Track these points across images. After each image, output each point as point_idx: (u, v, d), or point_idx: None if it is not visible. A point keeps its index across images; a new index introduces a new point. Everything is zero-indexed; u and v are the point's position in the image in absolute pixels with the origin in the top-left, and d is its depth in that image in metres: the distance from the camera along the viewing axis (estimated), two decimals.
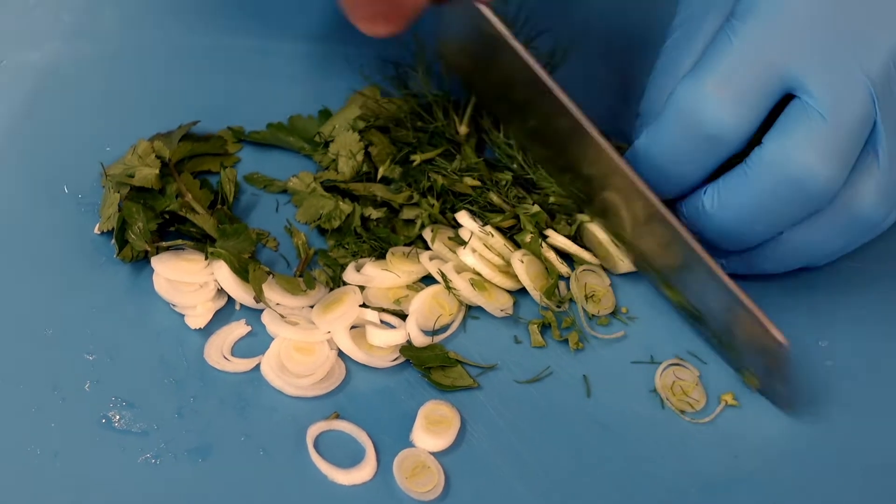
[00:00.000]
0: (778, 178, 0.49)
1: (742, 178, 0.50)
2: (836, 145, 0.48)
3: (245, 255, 0.56)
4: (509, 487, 0.49)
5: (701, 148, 0.51)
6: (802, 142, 0.49)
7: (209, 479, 0.49)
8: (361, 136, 0.59)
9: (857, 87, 0.49)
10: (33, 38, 0.67)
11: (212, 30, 0.68)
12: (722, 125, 0.50)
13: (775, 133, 0.50)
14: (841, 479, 0.50)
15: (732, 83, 0.50)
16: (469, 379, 0.53)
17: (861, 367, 0.55)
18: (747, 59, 0.50)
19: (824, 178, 0.48)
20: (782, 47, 0.49)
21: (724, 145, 0.51)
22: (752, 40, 0.50)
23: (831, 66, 0.49)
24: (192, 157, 0.60)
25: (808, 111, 0.49)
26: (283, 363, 0.53)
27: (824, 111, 0.48)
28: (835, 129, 0.48)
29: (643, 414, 0.52)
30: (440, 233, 0.57)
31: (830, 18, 0.50)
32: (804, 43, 0.49)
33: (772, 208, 0.50)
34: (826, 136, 0.48)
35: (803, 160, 0.48)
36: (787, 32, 0.50)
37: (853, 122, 0.49)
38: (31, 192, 0.59)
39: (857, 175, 0.50)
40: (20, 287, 0.56)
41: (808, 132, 0.49)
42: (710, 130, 0.50)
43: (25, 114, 0.63)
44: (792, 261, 0.54)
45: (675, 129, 0.51)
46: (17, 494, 0.48)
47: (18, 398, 0.51)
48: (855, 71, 0.49)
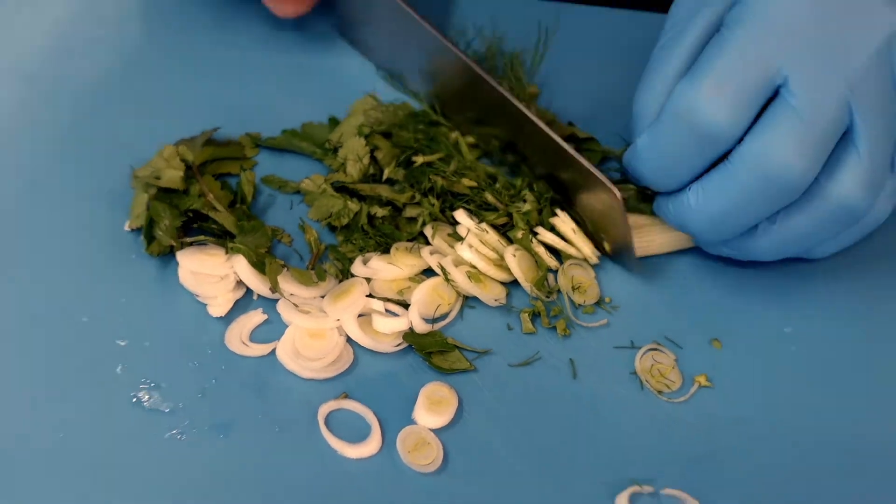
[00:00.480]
0: (758, 173, 0.50)
1: (725, 174, 0.51)
2: (812, 142, 0.49)
3: (262, 249, 0.57)
4: (502, 461, 0.50)
5: (697, 147, 0.52)
6: (782, 139, 0.49)
7: (229, 453, 0.50)
8: (367, 141, 0.60)
9: (834, 89, 0.50)
10: (69, 53, 0.68)
11: (231, 45, 0.69)
12: (719, 126, 0.50)
13: (758, 131, 0.50)
14: (805, 452, 0.51)
15: (728, 86, 0.50)
16: (466, 362, 0.53)
17: (822, 350, 0.55)
18: (741, 62, 0.50)
19: (799, 172, 0.49)
20: (772, 51, 0.50)
21: (719, 144, 0.51)
22: (745, 45, 0.50)
23: (814, 70, 0.50)
24: (213, 160, 0.61)
25: (789, 110, 0.50)
26: (296, 348, 0.54)
27: (803, 110, 0.49)
28: (811, 127, 0.49)
29: (624, 394, 0.53)
30: (440, 230, 0.58)
31: (814, 26, 0.50)
32: (791, 47, 0.50)
33: (751, 201, 0.51)
34: (803, 134, 0.49)
35: (782, 156, 0.49)
36: (777, 38, 0.50)
37: (828, 122, 0.49)
38: (67, 193, 0.60)
39: (840, 168, 0.51)
40: (58, 279, 0.56)
41: (788, 130, 0.49)
42: (707, 130, 0.51)
43: (62, 123, 0.64)
44: (784, 249, 0.54)
45: (674, 130, 0.52)
46: (55, 468, 0.49)
47: (57, 380, 0.52)
48: (834, 75, 0.50)
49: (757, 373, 0.54)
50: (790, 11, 0.50)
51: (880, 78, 0.51)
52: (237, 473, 0.50)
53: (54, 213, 0.60)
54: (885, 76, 0.51)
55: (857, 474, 0.51)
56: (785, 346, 0.55)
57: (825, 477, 0.50)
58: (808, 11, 0.50)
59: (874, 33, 0.50)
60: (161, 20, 0.70)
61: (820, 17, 0.50)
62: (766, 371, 0.55)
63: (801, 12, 0.50)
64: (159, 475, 0.49)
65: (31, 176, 0.61)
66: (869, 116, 0.50)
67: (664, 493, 0.49)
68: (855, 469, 0.51)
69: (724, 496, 0.49)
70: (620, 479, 0.50)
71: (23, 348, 0.54)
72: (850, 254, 0.57)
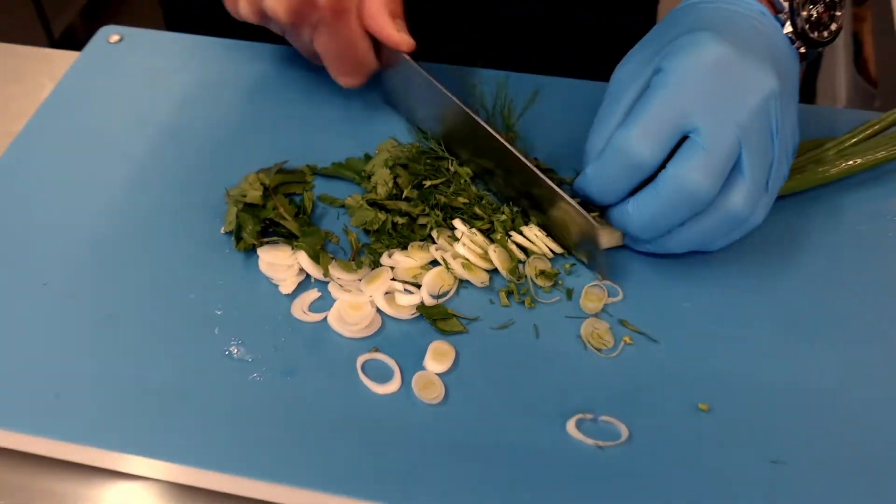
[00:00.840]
0: (675, 190, 0.51)
1: (653, 192, 0.52)
2: (713, 168, 0.50)
3: (317, 247, 0.58)
4: (485, 395, 0.51)
5: (629, 173, 0.52)
6: (692, 167, 0.50)
7: (294, 391, 0.51)
8: (391, 171, 0.61)
9: (728, 131, 0.50)
10: (189, 110, 0.68)
11: (300, 104, 0.69)
12: (643, 158, 0.51)
13: (675, 161, 0.51)
14: (699, 385, 0.51)
15: (650, 131, 0.51)
16: (461, 326, 0.54)
17: (710, 314, 0.55)
18: (660, 115, 0.51)
19: (705, 190, 0.50)
20: (682, 107, 0.51)
21: (644, 171, 0.52)
22: (664, 103, 0.51)
23: (712, 118, 0.50)
24: (283, 183, 0.62)
25: (696, 146, 0.50)
26: (341, 316, 0.55)
27: (706, 146, 0.50)
28: (712, 157, 0.50)
29: (572, 350, 0.54)
30: (442, 233, 0.59)
31: (712, 89, 0.51)
32: (696, 104, 0.50)
33: (671, 211, 0.52)
34: (706, 163, 0.50)
35: (692, 178, 0.50)
36: (687, 97, 0.51)
37: (724, 154, 0.50)
38: (181, 207, 0.61)
39: (730, 187, 0.51)
40: (175, 268, 0.57)
41: (696, 160, 0.50)
42: (635, 161, 0.51)
43: (182, 158, 0.65)
44: (692, 244, 0.54)
45: (613, 161, 0.52)
46: (171, 402, 0.50)
47: (173, 338, 0.53)
48: (727, 120, 0.50)
49: (665, 332, 0.55)
50: (696, 78, 0.51)
51: (760, 124, 0.51)
52: (299, 405, 0.51)
53: (174, 221, 0.61)
54: (764, 123, 0.52)
55: (727, 398, 0.51)
56: (683, 315, 0.56)
57: (715, 400, 0.51)
58: (709, 78, 0.51)
59: (755, 93, 0.51)
60: (256, 89, 0.70)
61: (717, 82, 0.51)
62: (670, 330, 0.55)
63: (703, 79, 0.51)
64: (244, 406, 0.50)
65: (158, 194, 0.62)
66: (752, 151, 0.51)
67: (601, 419, 0.50)
68: (723, 392, 0.52)
69: (644, 421, 0.50)
70: (570, 409, 0.51)
71: (150, 316, 0.55)
72: (734, 247, 0.57)
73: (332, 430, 0.50)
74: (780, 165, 0.53)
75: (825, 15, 0.56)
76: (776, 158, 0.53)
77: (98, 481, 0.51)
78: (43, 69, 0.77)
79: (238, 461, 0.48)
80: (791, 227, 0.60)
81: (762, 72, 0.51)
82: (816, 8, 0.56)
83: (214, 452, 0.48)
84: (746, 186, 0.51)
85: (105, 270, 0.57)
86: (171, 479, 0.50)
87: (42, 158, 0.64)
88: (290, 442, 0.49)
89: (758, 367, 0.53)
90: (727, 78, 0.51)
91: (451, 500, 0.47)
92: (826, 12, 0.56)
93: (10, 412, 0.50)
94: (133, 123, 0.67)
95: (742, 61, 0.51)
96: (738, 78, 0.51)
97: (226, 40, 0.73)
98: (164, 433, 0.49)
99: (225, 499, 0.50)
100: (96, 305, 0.55)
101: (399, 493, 0.47)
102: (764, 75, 0.51)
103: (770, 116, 0.52)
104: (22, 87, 0.75)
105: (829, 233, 0.60)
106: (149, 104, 0.68)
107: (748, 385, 0.52)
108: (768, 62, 0.52)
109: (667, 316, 0.56)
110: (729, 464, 0.48)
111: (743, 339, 0.54)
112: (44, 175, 0.63)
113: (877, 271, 0.58)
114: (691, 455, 0.49)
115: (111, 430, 0.49)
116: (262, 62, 0.72)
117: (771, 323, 0.55)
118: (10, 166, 0.64)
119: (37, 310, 0.55)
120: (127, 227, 0.60)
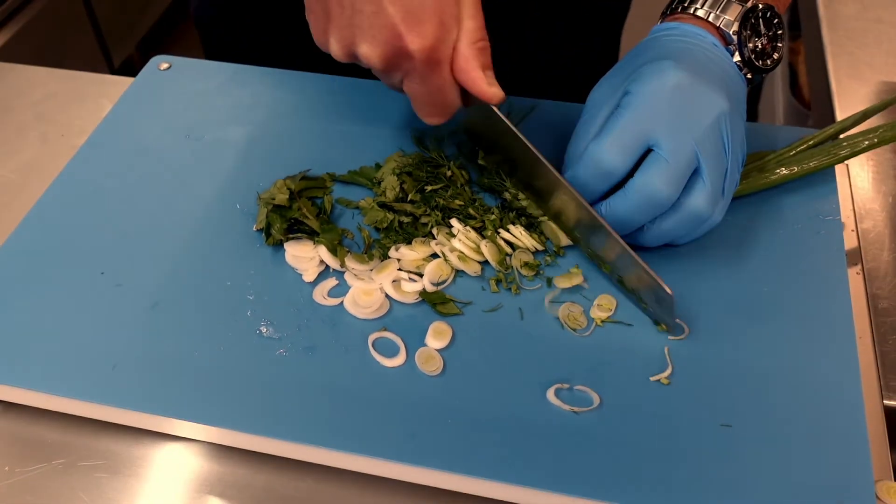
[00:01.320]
0: (641, 195, 0.51)
1: (622, 196, 0.52)
2: (673, 177, 0.50)
3: (335, 242, 0.57)
4: (477, 368, 0.51)
5: (601, 179, 0.52)
6: (655, 175, 0.50)
7: (315, 365, 0.51)
8: (398, 178, 0.60)
9: (686, 145, 0.50)
10: (225, 125, 0.67)
11: (318, 120, 0.68)
12: (613, 166, 0.51)
13: (641, 170, 0.51)
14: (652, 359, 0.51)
15: (618, 143, 0.51)
16: (457, 309, 0.54)
17: (694, 299, 0.54)
18: (628, 130, 0.51)
19: (665, 195, 0.50)
20: (647, 124, 0.51)
21: (614, 177, 0.52)
22: (630, 120, 0.51)
23: (673, 133, 0.50)
24: (306, 188, 0.61)
25: (659, 158, 0.50)
26: (355, 300, 0.54)
27: (667, 158, 0.50)
28: (672, 168, 0.50)
29: (551, 330, 0.53)
30: (441, 230, 0.58)
31: (673, 109, 0.51)
32: (658, 121, 0.50)
33: (638, 212, 0.52)
34: (667, 172, 0.50)
35: (655, 185, 0.50)
36: (650, 116, 0.51)
37: (683, 164, 0.50)
38: (219, 210, 0.61)
39: (692, 191, 0.51)
40: (214, 259, 0.57)
41: (658, 170, 0.50)
42: (606, 168, 0.51)
43: (220, 166, 0.64)
44: (659, 240, 0.54)
45: (588, 168, 0.52)
46: (211, 374, 0.50)
47: (212, 321, 0.53)
48: (686, 136, 0.50)
49: (632, 316, 0.54)
50: (658, 99, 0.51)
51: (715, 138, 0.51)
52: (319, 377, 0.50)
53: (213, 221, 0.60)
54: (717, 137, 0.51)
55: (684, 372, 0.51)
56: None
57: (673, 374, 0.51)
58: (670, 100, 0.51)
59: (709, 112, 0.51)
60: (284, 109, 0.69)
61: (676, 103, 0.51)
62: (637, 313, 0.55)
63: (665, 100, 0.51)
64: (272, 377, 0.50)
65: (200, 198, 0.62)
66: (709, 161, 0.51)
67: (576, 388, 0.50)
68: (680, 366, 0.51)
69: (614, 391, 0.50)
70: (549, 379, 0.50)
71: (194, 300, 0.55)
72: (696, 241, 0.57)
73: (346, 397, 0.49)
74: (732, 173, 0.53)
75: (768, 46, 0.56)
76: (729, 167, 0.52)
77: (148, 442, 0.51)
78: (103, 92, 0.77)
79: (267, 424, 0.48)
80: (741, 225, 0.60)
81: (715, 94, 0.51)
82: (761, 40, 0.56)
83: (247, 416, 0.48)
84: (707, 190, 0.51)
85: (156, 262, 0.57)
86: (210, 440, 0.50)
87: (101, 168, 0.64)
88: (311, 408, 0.49)
89: (710, 345, 0.53)
90: (685, 99, 0.51)
91: (448, 457, 0.46)
92: (769, 44, 0.56)
93: (74, 382, 0.50)
94: (179, 138, 0.67)
95: (698, 85, 0.51)
96: (695, 99, 0.51)
97: (259, 68, 0.73)
98: (204, 400, 0.49)
99: (256, 457, 0.50)
100: (146, 291, 0.55)
101: (404, 451, 0.47)
102: (716, 97, 0.51)
103: (722, 132, 0.52)
104: (84, 107, 0.74)
105: (772, 230, 0.59)
106: (193, 122, 0.68)
107: (701, 360, 0.52)
108: (720, 86, 0.52)
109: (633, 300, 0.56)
110: (685, 427, 0.48)
111: (698, 319, 0.54)
112: (102, 182, 0.63)
113: (809, 262, 0.58)
114: (653, 419, 0.48)
115: (159, 398, 0.49)
116: (289, 87, 0.71)
117: (722, 306, 0.55)
118: (73, 175, 0.64)
119: (96, 295, 0.55)
120: (173, 226, 0.60)
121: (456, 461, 0.46)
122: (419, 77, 0.51)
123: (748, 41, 0.55)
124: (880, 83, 0.85)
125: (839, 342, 0.52)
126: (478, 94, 0.52)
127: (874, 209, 0.68)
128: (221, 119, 0.68)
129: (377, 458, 0.46)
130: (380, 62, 0.50)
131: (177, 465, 0.50)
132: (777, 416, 0.48)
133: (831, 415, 0.48)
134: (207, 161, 0.65)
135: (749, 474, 0.46)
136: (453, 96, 0.53)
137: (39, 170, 0.68)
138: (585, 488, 0.45)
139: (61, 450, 0.50)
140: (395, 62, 0.50)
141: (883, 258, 0.64)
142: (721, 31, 0.56)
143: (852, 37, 0.91)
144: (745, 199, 0.61)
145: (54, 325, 0.53)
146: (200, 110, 0.69)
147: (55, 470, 0.49)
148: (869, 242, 0.65)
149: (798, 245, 0.58)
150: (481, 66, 0.51)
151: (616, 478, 0.45)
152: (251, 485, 0.48)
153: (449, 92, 0.52)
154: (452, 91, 0.53)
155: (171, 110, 0.69)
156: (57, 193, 0.62)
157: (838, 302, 0.54)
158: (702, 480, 0.45)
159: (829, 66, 0.87)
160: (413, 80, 0.52)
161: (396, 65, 0.51)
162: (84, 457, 0.49)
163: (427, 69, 0.50)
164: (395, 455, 0.46)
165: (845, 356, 0.51)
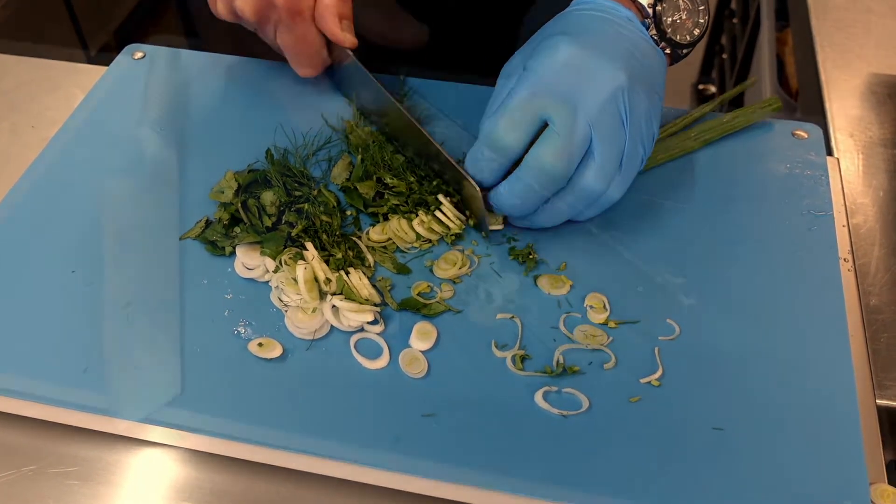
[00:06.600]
0: (535, 170, 0.51)
1: (519, 174, 0.52)
2: (567, 153, 0.51)
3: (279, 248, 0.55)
4: (461, 371, 0.50)
5: (497, 156, 0.53)
6: (549, 151, 0.51)
7: (296, 365, 0.50)
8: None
9: (579, 120, 0.51)
10: (200, 113, 0.66)
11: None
12: (507, 143, 0.52)
13: (534, 147, 0.52)
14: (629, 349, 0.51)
15: (512, 119, 0.52)
16: (442, 307, 0.53)
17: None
18: (521, 106, 0.52)
19: (560, 170, 0.51)
20: (540, 99, 0.51)
21: (509, 155, 0.53)
22: (524, 96, 0.52)
23: (564, 108, 0.51)
24: (253, 182, 0.60)
25: (552, 134, 0.51)
26: (294, 322, 0.51)
27: (560, 132, 0.51)
28: (565, 142, 0.51)
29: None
30: None
31: (567, 84, 0.51)
32: (551, 97, 0.51)
33: (534, 190, 0.52)
34: (560, 147, 0.51)
35: (547, 160, 0.51)
36: (545, 91, 0.51)
37: (576, 139, 0.51)
38: (195, 202, 0.59)
39: (584, 168, 0.52)
40: (188, 257, 0.56)
41: (551, 145, 0.51)
42: (500, 144, 0.52)
43: (179, 161, 0.62)
44: (558, 218, 0.55)
45: (483, 146, 0.53)
46: (194, 367, 0.49)
47: (192, 317, 0.52)
48: (578, 111, 0.51)
49: (625, 314, 0.54)
50: (551, 74, 0.52)
51: (610, 114, 0.52)
52: (302, 378, 0.50)
53: (187, 215, 0.59)
54: (613, 112, 0.52)
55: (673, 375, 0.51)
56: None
57: (664, 377, 0.50)
58: (562, 75, 0.52)
59: (605, 86, 0.51)
60: (257, 97, 0.69)
61: (569, 78, 0.52)
62: (635, 313, 0.54)
63: (557, 75, 0.52)
64: (251, 377, 0.50)
65: (174, 191, 0.60)
66: (603, 137, 0.51)
67: (565, 391, 0.49)
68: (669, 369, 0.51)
69: (603, 393, 0.49)
70: (537, 382, 0.50)
71: (169, 299, 0.53)
72: (685, 239, 0.57)
73: (328, 401, 0.48)
74: (633, 148, 0.53)
75: (689, 21, 0.57)
76: (628, 143, 0.52)
77: (121, 448, 0.49)
78: (75, 81, 0.75)
79: (245, 429, 0.47)
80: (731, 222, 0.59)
81: (612, 68, 0.52)
82: (680, 14, 0.56)
83: (224, 421, 0.47)
84: (597, 166, 0.52)
85: (129, 259, 0.56)
86: (187, 446, 0.49)
87: (72, 161, 0.62)
88: (291, 411, 0.48)
89: (700, 346, 0.52)
90: (579, 74, 0.52)
91: (433, 462, 0.46)
92: (689, 19, 0.57)
93: (43, 386, 0.48)
94: (152, 130, 0.65)
95: (592, 60, 0.52)
96: (588, 74, 0.52)
97: (235, 57, 0.72)
98: (180, 404, 0.48)
99: (234, 463, 0.49)
100: (119, 291, 0.54)
101: (388, 456, 0.46)
102: (613, 71, 0.52)
103: (620, 107, 0.52)
104: (56, 97, 0.73)
105: (763, 227, 0.59)
106: (167, 113, 0.67)
107: (692, 361, 0.51)
108: (619, 61, 0.52)
109: (620, 303, 0.55)
110: (676, 430, 0.47)
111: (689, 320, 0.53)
112: (73, 176, 0.61)
113: (801, 259, 0.57)
114: (644, 422, 0.48)
115: (133, 402, 0.48)
116: (265, 76, 0.71)
117: (713, 306, 0.54)
118: (43, 168, 0.62)
119: (67, 294, 0.53)
120: (147, 221, 0.58)
121: (441, 467, 0.45)
122: (286, 27, 0.59)
123: (664, 15, 0.56)
124: (870, 75, 0.85)
125: (832, 343, 0.51)
126: (332, 38, 0.60)
127: (865, 203, 0.68)
128: (196, 109, 0.67)
129: (360, 464, 0.46)
130: (252, 14, 0.58)
131: (152, 472, 0.48)
132: (769, 418, 0.48)
133: (825, 416, 0.48)
134: (182, 153, 0.64)
135: (741, 478, 0.45)
136: (318, 45, 0.61)
137: (8, 162, 0.67)
138: (574, 496, 0.44)
139: (31, 456, 0.48)
140: (264, 13, 0.58)
141: (874, 254, 0.63)
142: (637, 3, 0.56)
143: (841, 27, 0.91)
144: (733, 195, 0.60)
145: (22, 326, 0.51)
146: (174, 101, 0.68)
147: (25, 477, 0.47)
148: (860, 238, 0.64)
149: (790, 242, 0.58)
150: (338, 15, 0.59)
151: (606, 484, 0.45)
152: (229, 492, 0.47)
153: (314, 41, 0.60)
154: (317, 40, 0.60)
155: (144, 101, 0.68)
156: (25, 188, 0.60)
157: (831, 301, 0.54)
158: (694, 484, 0.45)
159: (818, 57, 0.87)
160: (282, 31, 0.59)
161: (266, 16, 0.58)
162: (55, 463, 0.48)
163: (290, 18, 0.58)
164: (379, 460, 0.46)
165: (839, 358, 0.50)
